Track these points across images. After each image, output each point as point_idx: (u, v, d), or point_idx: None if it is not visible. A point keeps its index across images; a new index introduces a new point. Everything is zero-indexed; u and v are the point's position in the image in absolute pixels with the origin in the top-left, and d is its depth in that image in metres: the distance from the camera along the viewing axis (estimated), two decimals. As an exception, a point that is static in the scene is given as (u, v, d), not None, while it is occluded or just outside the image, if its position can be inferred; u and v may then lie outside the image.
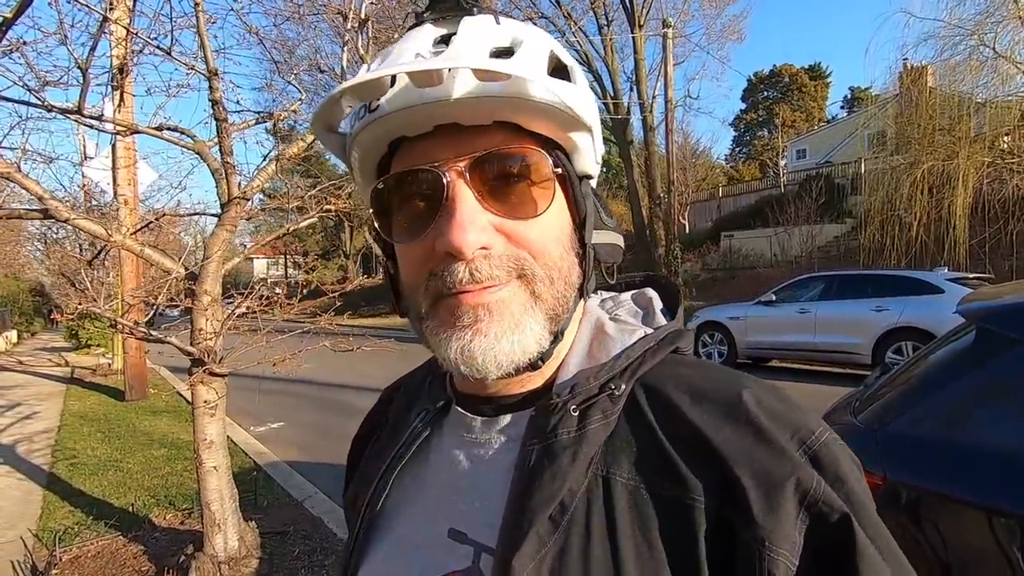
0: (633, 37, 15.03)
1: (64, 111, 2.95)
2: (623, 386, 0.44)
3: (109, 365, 11.51)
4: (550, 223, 0.44)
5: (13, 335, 20.11)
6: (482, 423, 0.50)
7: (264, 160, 3.23)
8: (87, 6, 2.58)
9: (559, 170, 0.44)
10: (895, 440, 1.57)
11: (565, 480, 0.42)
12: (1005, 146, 11.72)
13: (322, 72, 4.24)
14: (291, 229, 3.15)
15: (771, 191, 21.74)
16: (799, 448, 0.41)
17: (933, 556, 1.47)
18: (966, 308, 1.76)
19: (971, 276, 7.70)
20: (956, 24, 11.78)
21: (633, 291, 0.55)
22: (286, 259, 40.89)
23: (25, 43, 2.56)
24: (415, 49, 0.41)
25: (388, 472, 0.53)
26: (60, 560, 3.18)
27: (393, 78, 0.40)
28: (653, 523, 0.41)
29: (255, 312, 3.10)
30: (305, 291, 5.76)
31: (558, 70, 0.44)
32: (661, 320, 0.50)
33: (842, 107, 39.34)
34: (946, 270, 8.12)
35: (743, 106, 41.97)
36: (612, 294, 0.55)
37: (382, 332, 11.48)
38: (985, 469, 1.43)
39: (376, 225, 0.46)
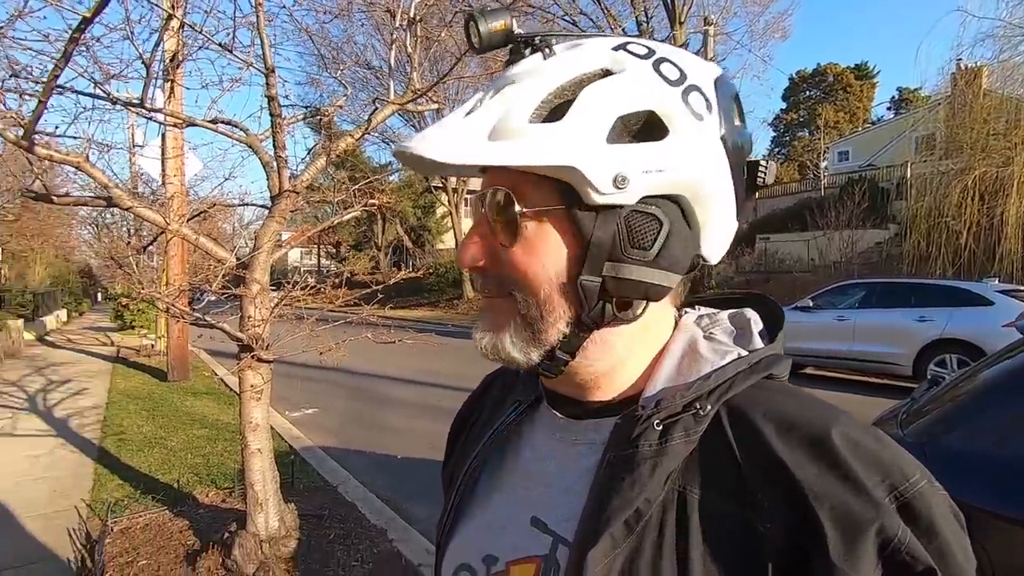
0: (673, 35, 14.79)
1: (128, 104, 3.09)
2: (708, 407, 0.46)
3: (152, 346, 11.97)
4: (531, 253, 0.47)
5: (63, 314, 21.06)
6: (569, 423, 0.53)
7: (309, 154, 3.32)
8: (154, 4, 2.69)
9: (524, 210, 0.46)
10: (945, 456, 1.55)
11: (643, 489, 0.44)
12: (1064, 152, 11.18)
13: (369, 68, 4.32)
14: (336, 222, 3.23)
15: (810, 194, 21.17)
16: (888, 494, 0.41)
17: None
18: (1024, 324, 1.71)
19: (1023, 288, 7.39)
20: (1016, 24, 11.25)
21: (732, 310, 0.56)
22: (319, 249, 41.76)
23: (98, 40, 2.68)
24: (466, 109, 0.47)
25: (480, 456, 0.58)
26: (112, 530, 3.35)
27: None
28: (724, 544, 0.43)
29: (299, 301, 3.20)
30: (338, 281, 5.89)
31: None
32: (757, 343, 0.51)
33: (888, 108, 37.98)
34: (996, 281, 7.80)
35: (783, 106, 40.87)
36: (711, 311, 0.56)
37: (419, 326, 11.60)
38: (1040, 489, 1.40)
39: None
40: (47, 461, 4.80)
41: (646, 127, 0.44)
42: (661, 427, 0.46)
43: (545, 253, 0.47)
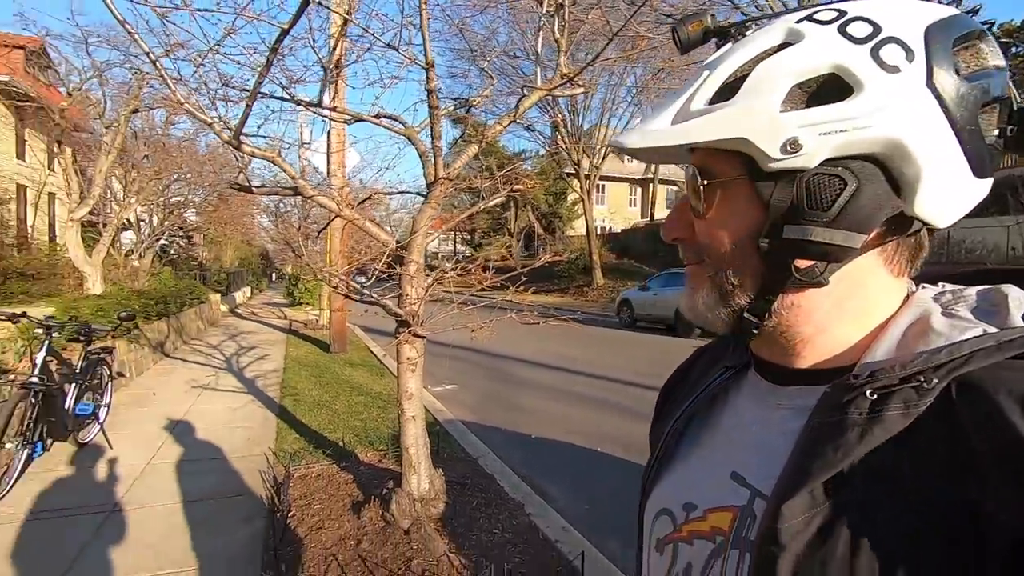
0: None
1: (308, 104, 3.49)
2: (935, 380, 0.43)
3: (316, 321, 13.54)
4: (717, 222, 0.51)
5: (248, 291, 24.63)
6: (774, 388, 0.55)
7: (455, 143, 3.50)
8: (331, 10, 3.00)
9: (707, 182, 0.51)
10: None
11: (847, 455, 0.43)
12: None
13: (515, 57, 4.42)
14: (483, 207, 3.39)
15: (1012, 170, 17.74)
16: None
17: None
18: None
19: None
20: None
21: (985, 287, 0.51)
22: (456, 236, 44.02)
23: (290, 49, 3.06)
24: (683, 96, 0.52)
25: (686, 414, 0.63)
26: (292, 476, 3.89)
27: None
28: (937, 525, 0.40)
29: (449, 282, 3.41)
30: (484, 265, 6.17)
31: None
32: (1017, 322, 0.46)
33: None
34: None
35: (979, 66, 34.53)
36: (957, 287, 0.53)
37: (549, 311, 11.82)
38: None
39: None
40: (242, 413, 5.68)
41: (825, 90, 0.45)
42: (875, 396, 0.44)
43: (729, 221, 0.51)
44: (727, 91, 0.48)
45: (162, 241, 18.42)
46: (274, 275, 38.76)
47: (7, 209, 14.01)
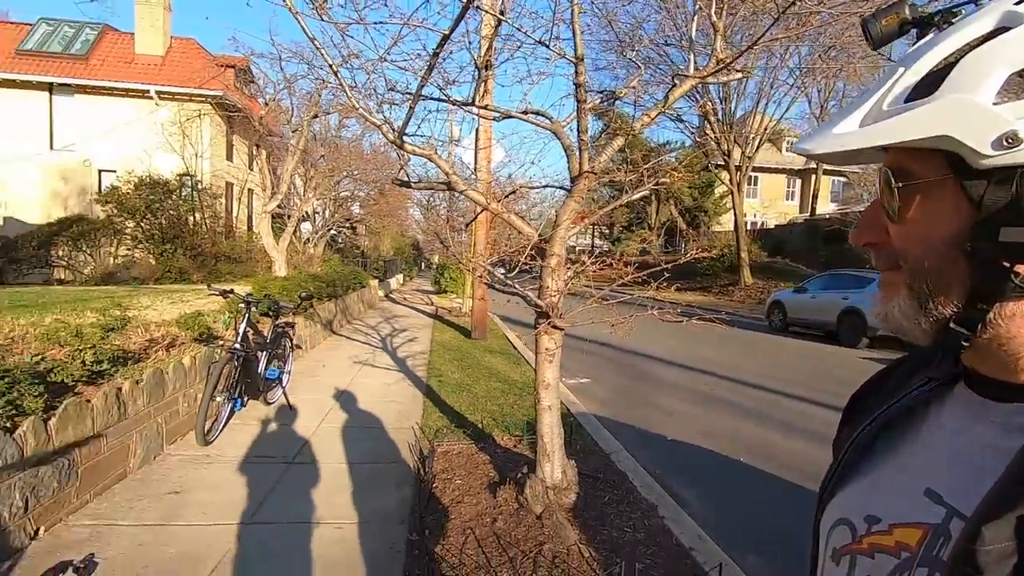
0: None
1: (462, 104, 3.71)
2: None
3: (460, 308, 14.36)
4: (916, 225, 0.48)
5: (401, 278, 26.88)
6: (987, 403, 0.51)
7: (599, 135, 3.48)
8: (485, 11, 3.14)
9: (902, 184, 0.48)
10: None
11: None
12: None
13: (666, 46, 4.27)
14: (626, 200, 3.34)
15: None
16: None
17: None
18: None
19: None
20: None
21: None
22: (593, 230, 43.72)
23: (448, 52, 3.28)
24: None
25: (876, 423, 0.60)
26: (436, 451, 4.20)
27: None
28: None
29: (588, 275, 3.43)
30: (625, 260, 6.08)
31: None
32: None
33: None
34: None
35: None
36: None
37: (689, 311, 11.32)
38: None
39: None
40: (395, 389, 6.25)
41: None
42: None
43: (931, 223, 0.47)
44: (927, 86, 0.45)
45: (332, 231, 20.81)
46: (424, 264, 41.85)
47: (219, 202, 16.81)
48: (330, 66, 3.00)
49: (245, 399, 4.94)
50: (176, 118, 16.26)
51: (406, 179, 3.55)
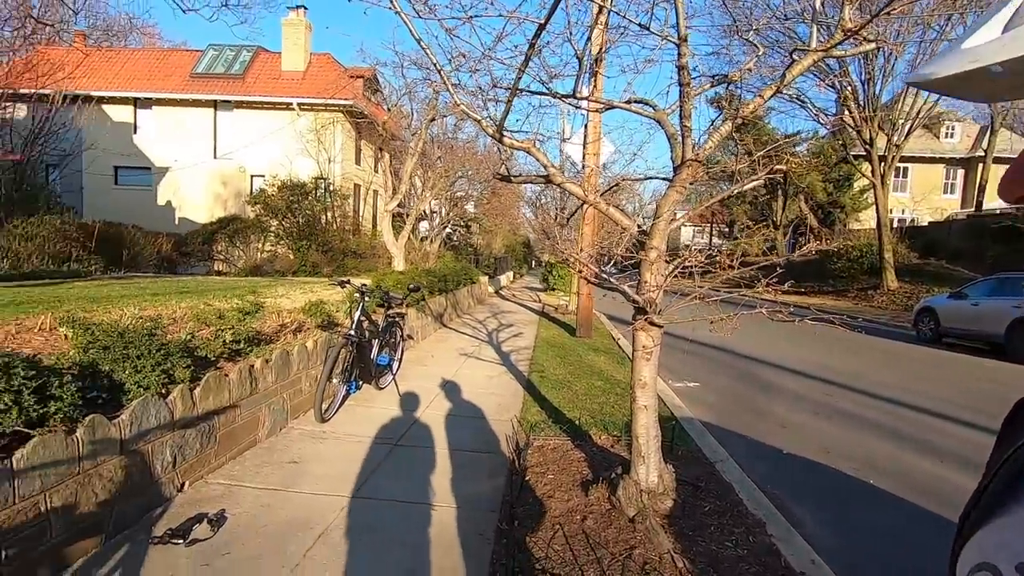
0: None
1: (563, 96, 3.67)
2: None
3: (566, 306, 14.33)
4: None
5: (510, 275, 27.43)
6: None
7: (711, 125, 3.26)
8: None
9: None
10: None
11: None
12: None
13: (786, 20, 3.91)
14: (735, 192, 3.10)
15: None
16: None
17: None
18: None
19: None
20: None
21: None
22: (711, 228, 41.45)
23: (549, 45, 3.27)
24: None
25: None
26: (532, 444, 4.22)
27: None
28: None
29: (691, 270, 3.24)
30: (732, 259, 5.70)
31: None
32: None
33: None
34: None
35: None
36: None
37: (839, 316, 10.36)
38: None
39: None
40: (497, 382, 6.38)
41: None
42: None
43: None
44: None
45: (448, 229, 21.76)
46: (534, 262, 42.40)
47: (348, 203, 18.30)
48: (434, 64, 3.11)
49: (359, 383, 5.32)
50: (313, 126, 17.95)
51: (506, 173, 3.59)
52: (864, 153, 20.16)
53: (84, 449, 2.52)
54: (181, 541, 2.66)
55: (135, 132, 19.12)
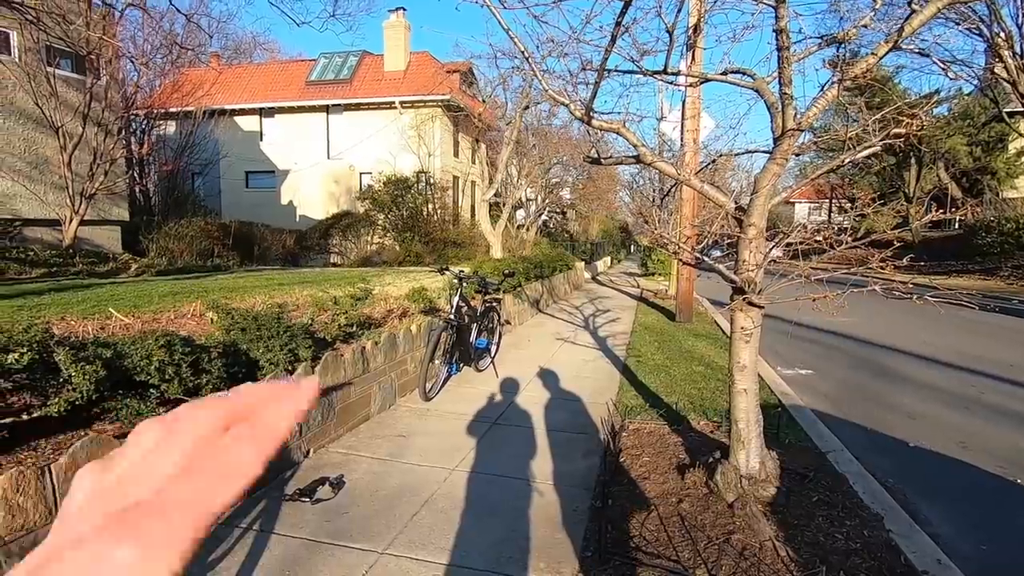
0: None
1: (653, 73, 3.58)
2: None
3: (666, 291, 13.90)
4: None
5: (608, 260, 27.01)
6: None
7: (822, 88, 3.02)
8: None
9: None
10: None
11: None
12: None
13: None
14: (846, 160, 2.86)
15: None
16: None
17: None
18: None
19: None
20: None
21: None
22: (831, 203, 37.88)
23: (635, 21, 3.21)
24: None
25: None
26: (627, 427, 4.21)
27: None
28: None
29: (797, 248, 3.05)
30: (841, 235, 5.22)
31: None
32: None
33: None
34: None
35: None
36: None
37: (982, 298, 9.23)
38: None
39: None
40: (592, 366, 6.40)
41: None
42: None
43: None
44: None
45: (544, 216, 21.88)
46: (632, 246, 41.37)
47: (447, 194, 19.01)
48: (522, 52, 3.17)
49: (460, 365, 5.58)
50: (413, 122, 18.79)
51: (596, 155, 3.58)
52: (1022, 109, 17.39)
53: (229, 416, 2.91)
54: (308, 500, 3.00)
55: (261, 139, 21.16)
